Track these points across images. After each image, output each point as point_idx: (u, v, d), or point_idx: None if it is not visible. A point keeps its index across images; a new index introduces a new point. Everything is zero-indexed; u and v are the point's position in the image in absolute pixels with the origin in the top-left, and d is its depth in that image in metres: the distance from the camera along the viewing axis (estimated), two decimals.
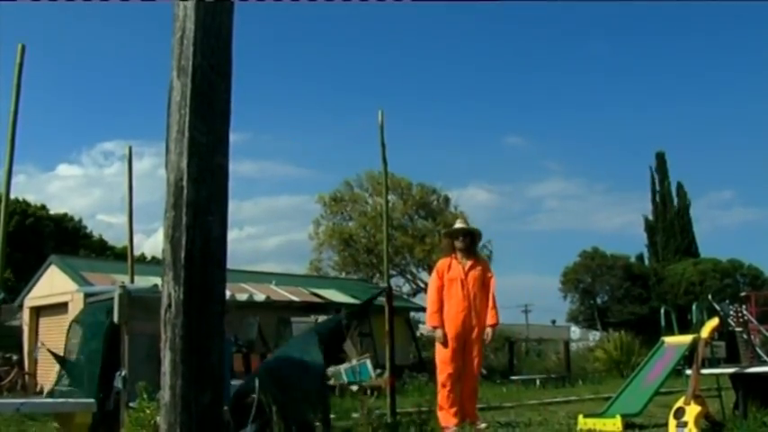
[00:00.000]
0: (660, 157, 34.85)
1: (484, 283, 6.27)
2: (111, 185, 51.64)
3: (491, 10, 50.43)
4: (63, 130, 57.09)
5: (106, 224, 51.35)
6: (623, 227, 55.85)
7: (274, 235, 57.07)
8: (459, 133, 53.83)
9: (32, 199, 33.56)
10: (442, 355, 6.24)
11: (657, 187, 34.33)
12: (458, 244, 6.37)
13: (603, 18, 50.67)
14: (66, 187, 53.67)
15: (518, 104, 54.89)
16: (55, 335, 15.38)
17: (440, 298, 6.24)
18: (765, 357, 5.93)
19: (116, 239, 34.28)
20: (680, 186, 34.22)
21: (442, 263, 6.42)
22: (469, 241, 6.42)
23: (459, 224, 6.69)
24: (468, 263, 6.31)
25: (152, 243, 40.27)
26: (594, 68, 51.82)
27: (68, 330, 7.68)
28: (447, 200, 24.64)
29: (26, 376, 15.02)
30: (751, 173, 51.52)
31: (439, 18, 51.26)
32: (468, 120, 53.27)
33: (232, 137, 2.29)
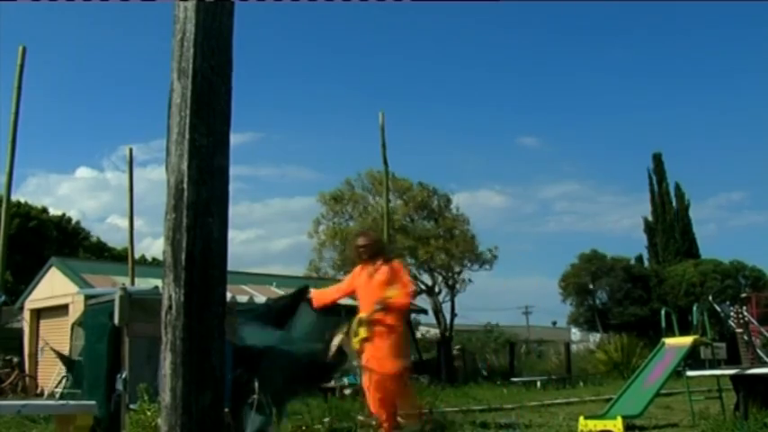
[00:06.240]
0: (657, 159, 34.76)
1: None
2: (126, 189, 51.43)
3: (505, 11, 50.57)
4: (84, 133, 57.17)
5: (116, 227, 51.36)
6: (632, 228, 55.87)
7: (283, 237, 57.12)
8: (472, 135, 53.90)
9: (48, 201, 33.56)
10: None
11: (656, 188, 34.26)
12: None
13: (611, 17, 50.61)
14: (77, 189, 53.85)
15: (532, 105, 54.88)
16: (55, 337, 15.38)
17: None
18: (766, 359, 5.94)
19: (125, 242, 34.18)
20: (678, 188, 34.13)
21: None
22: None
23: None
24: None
25: (159, 245, 40.28)
26: (607, 70, 51.82)
27: (71, 332, 7.66)
28: (448, 201, 24.47)
29: (27, 378, 15.02)
30: (762, 175, 51.23)
31: (452, 20, 51.34)
32: (482, 121, 53.34)
33: (243, 138, 2.27)
